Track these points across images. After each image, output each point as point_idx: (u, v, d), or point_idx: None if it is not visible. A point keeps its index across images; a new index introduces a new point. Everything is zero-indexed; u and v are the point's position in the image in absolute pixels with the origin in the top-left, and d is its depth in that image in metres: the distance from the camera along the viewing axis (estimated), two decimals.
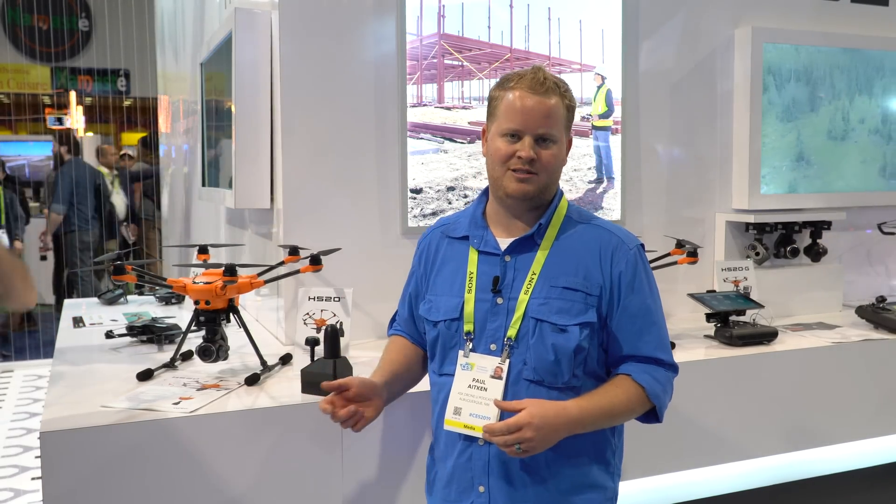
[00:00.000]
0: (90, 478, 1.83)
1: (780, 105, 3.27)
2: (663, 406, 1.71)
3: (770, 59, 3.22)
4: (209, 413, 1.94)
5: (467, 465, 1.69)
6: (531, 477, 1.65)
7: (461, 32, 2.81)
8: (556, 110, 1.66)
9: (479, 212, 1.77)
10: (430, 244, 1.84)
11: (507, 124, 1.66)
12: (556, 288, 1.65)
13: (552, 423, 1.55)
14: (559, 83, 1.69)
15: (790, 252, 3.31)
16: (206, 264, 2.59)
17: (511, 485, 1.65)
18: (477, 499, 1.68)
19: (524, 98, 1.64)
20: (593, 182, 3.01)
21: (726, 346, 2.66)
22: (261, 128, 2.72)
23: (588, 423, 1.62)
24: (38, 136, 11.40)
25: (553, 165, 1.68)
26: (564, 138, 1.71)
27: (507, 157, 1.66)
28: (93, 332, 2.92)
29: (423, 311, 1.79)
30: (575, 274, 1.66)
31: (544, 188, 1.69)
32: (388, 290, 2.70)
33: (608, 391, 1.66)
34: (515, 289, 1.67)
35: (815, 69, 3.33)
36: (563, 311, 1.64)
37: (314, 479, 2.03)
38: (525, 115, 1.64)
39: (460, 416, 1.67)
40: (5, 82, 11.60)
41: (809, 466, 2.69)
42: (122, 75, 11.01)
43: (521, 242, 1.70)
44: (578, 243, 1.70)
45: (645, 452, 2.35)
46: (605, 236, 1.71)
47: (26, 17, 11.30)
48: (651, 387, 1.66)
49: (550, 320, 1.64)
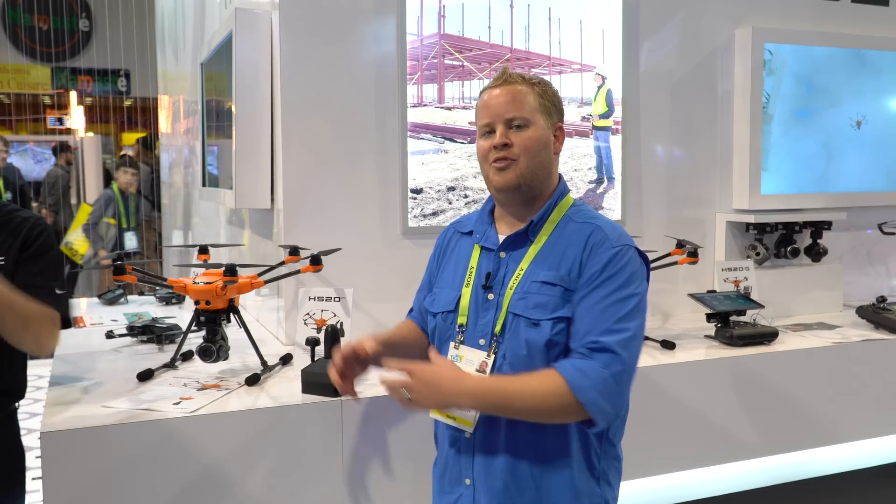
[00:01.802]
0: (91, 478, 1.83)
1: (780, 105, 3.27)
2: (592, 403, 1.52)
3: (770, 58, 3.22)
4: (209, 413, 1.94)
5: (456, 458, 1.72)
6: (514, 475, 1.65)
7: (461, 32, 2.81)
8: (521, 95, 1.69)
9: (487, 209, 1.80)
10: (445, 239, 1.88)
11: (480, 122, 1.72)
12: (535, 283, 1.65)
13: (441, 383, 1.54)
14: (525, 75, 1.73)
15: (790, 252, 3.31)
16: (206, 264, 2.59)
17: (494, 481, 1.66)
18: (465, 491, 1.70)
19: (489, 93, 1.72)
20: (593, 182, 3.01)
21: (727, 347, 2.66)
22: (261, 128, 2.72)
23: (485, 399, 1.55)
24: (38, 137, 11.40)
25: (531, 148, 1.67)
26: (544, 123, 1.70)
27: (487, 151, 1.70)
28: (93, 332, 2.92)
29: (427, 303, 1.82)
30: (557, 269, 1.64)
31: (528, 176, 1.68)
32: (389, 290, 2.71)
33: (523, 377, 1.59)
34: (505, 284, 1.68)
35: (815, 69, 3.33)
36: (540, 305, 1.63)
37: (314, 479, 2.03)
38: (491, 106, 1.70)
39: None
40: (6, 82, 11.60)
41: (809, 466, 2.69)
42: (122, 75, 11.02)
43: (514, 239, 1.72)
44: (568, 239, 1.68)
45: (645, 452, 2.35)
46: (595, 232, 1.66)
47: (27, 17, 11.31)
48: (574, 379, 1.52)
49: (526, 315, 1.63)
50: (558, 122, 1.75)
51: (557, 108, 1.75)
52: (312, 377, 2.08)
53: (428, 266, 1.93)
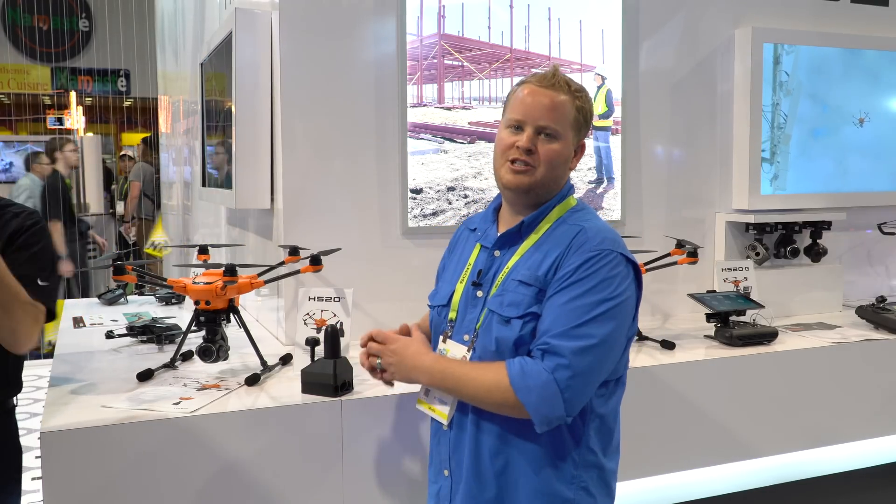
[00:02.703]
0: (90, 478, 1.83)
1: (780, 105, 3.27)
2: (530, 405, 1.52)
3: (771, 58, 3.22)
4: (209, 413, 1.94)
5: (437, 449, 1.77)
6: (476, 471, 1.67)
7: (461, 33, 2.81)
8: (562, 106, 1.66)
9: (493, 207, 1.82)
10: (456, 236, 1.92)
11: (511, 115, 1.69)
12: (514, 281, 1.65)
13: (408, 357, 1.69)
14: (571, 83, 1.70)
15: (790, 252, 3.31)
16: (206, 264, 2.59)
17: (471, 475, 1.67)
18: (444, 482, 1.75)
19: (531, 90, 1.68)
20: (593, 182, 3.01)
21: (726, 347, 2.66)
22: (261, 128, 2.72)
23: (437, 378, 1.65)
24: (38, 137, 11.40)
25: (553, 161, 1.66)
26: (572, 138, 1.69)
27: (508, 147, 1.68)
28: (93, 333, 2.92)
29: (429, 296, 1.88)
30: (537, 269, 1.63)
31: (542, 184, 1.68)
32: (389, 290, 2.71)
33: (477, 365, 1.64)
34: (493, 282, 1.70)
35: (816, 69, 3.33)
36: (514, 304, 1.63)
37: (314, 479, 2.03)
38: (529, 105, 1.66)
39: (427, 398, 1.77)
40: (6, 82, 11.60)
41: (809, 466, 2.69)
42: (122, 75, 11.02)
43: (507, 237, 1.73)
44: (555, 241, 1.66)
45: (645, 452, 2.35)
46: (578, 234, 1.63)
47: (27, 17, 11.31)
48: (515, 379, 1.53)
49: (500, 312, 1.64)
50: (583, 140, 1.74)
51: (587, 123, 1.74)
52: (312, 377, 2.08)
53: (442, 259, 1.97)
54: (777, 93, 3.24)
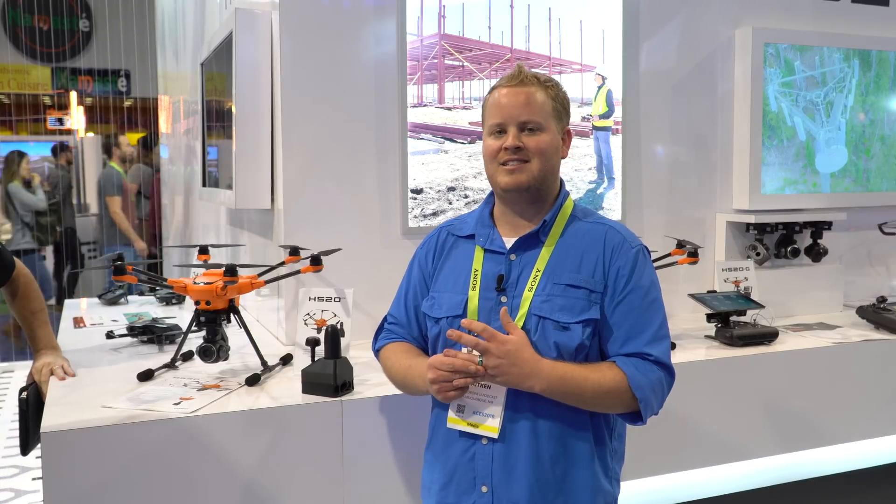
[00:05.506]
0: (91, 478, 1.83)
1: (780, 105, 3.27)
2: (647, 401, 1.62)
3: (771, 58, 3.22)
4: (210, 413, 1.94)
5: (469, 465, 1.68)
6: (535, 477, 1.63)
7: (461, 33, 2.81)
8: (536, 98, 1.68)
9: (486, 212, 1.79)
10: (438, 242, 1.84)
11: (491, 121, 1.71)
12: (559, 285, 1.65)
13: (520, 360, 1.57)
14: (539, 76, 1.72)
15: (791, 252, 3.31)
16: (206, 265, 2.59)
17: (515, 484, 1.64)
18: (479, 499, 1.67)
19: (504, 92, 1.70)
20: (594, 182, 3.01)
21: (727, 347, 2.66)
22: (261, 128, 2.72)
23: (555, 384, 1.57)
24: (38, 137, 11.38)
25: (545, 151, 1.68)
26: (556, 128, 1.71)
27: (496, 152, 1.69)
28: (93, 333, 2.92)
29: (426, 308, 1.79)
30: (578, 271, 1.66)
31: (540, 178, 1.69)
32: (389, 290, 2.68)
33: (590, 366, 1.63)
34: (520, 287, 1.67)
35: (816, 69, 3.33)
36: (566, 308, 1.64)
37: (314, 480, 2.03)
38: (505, 106, 1.68)
39: (463, 415, 1.67)
40: (6, 83, 11.59)
41: (809, 466, 2.69)
42: (122, 75, 11.01)
43: (525, 240, 1.71)
44: (582, 240, 1.70)
45: (645, 452, 2.35)
46: (610, 233, 1.70)
47: (27, 17, 11.30)
48: (634, 376, 1.61)
49: (553, 318, 1.63)
50: (567, 126, 1.75)
51: (567, 110, 1.75)
52: (312, 377, 2.08)
53: (408, 272, 1.88)
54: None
